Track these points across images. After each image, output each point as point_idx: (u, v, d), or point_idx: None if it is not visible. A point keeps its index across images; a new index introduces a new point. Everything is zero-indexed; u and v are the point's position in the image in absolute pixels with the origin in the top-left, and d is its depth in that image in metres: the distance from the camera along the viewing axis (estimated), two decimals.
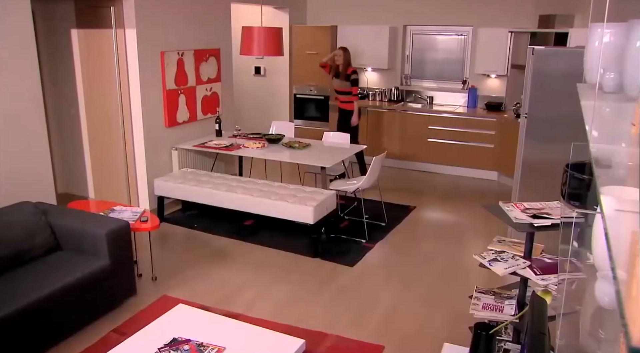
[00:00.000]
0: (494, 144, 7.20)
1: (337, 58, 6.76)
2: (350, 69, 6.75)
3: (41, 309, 3.26)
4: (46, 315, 3.32)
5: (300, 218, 4.81)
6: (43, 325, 3.31)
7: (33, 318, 3.22)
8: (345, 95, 6.86)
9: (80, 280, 3.51)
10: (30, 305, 3.18)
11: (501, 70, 7.35)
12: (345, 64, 6.75)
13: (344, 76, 6.75)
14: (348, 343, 3.56)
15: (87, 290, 3.58)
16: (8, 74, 4.10)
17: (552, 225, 2.66)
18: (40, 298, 3.24)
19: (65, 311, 3.46)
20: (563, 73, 4.43)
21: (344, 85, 6.78)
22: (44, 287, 3.32)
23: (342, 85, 6.81)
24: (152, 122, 5.70)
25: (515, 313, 2.78)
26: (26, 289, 3.27)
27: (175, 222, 5.68)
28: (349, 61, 6.80)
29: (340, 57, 6.73)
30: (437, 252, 5.02)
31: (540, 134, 4.67)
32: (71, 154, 6.24)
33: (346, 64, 6.75)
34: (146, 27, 5.43)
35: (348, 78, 6.72)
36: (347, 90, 6.78)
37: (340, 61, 6.73)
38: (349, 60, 6.80)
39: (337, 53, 6.78)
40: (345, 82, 6.76)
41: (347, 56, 6.77)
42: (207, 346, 2.83)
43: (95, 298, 3.69)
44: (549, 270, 2.65)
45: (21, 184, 4.28)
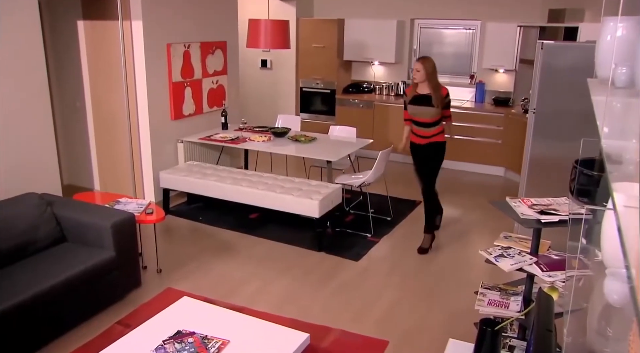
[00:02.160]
0: (501, 140, 7.16)
1: (416, 74, 4.62)
2: (445, 89, 4.66)
3: (46, 301, 3.26)
4: (51, 307, 3.32)
5: (305, 212, 4.80)
6: (48, 317, 3.32)
7: (38, 309, 3.23)
8: (432, 126, 4.72)
9: (85, 272, 3.51)
10: (35, 297, 3.19)
11: (509, 65, 7.29)
12: (433, 81, 4.61)
13: (438, 100, 4.59)
14: (352, 338, 3.55)
15: (92, 282, 3.59)
16: (14, 66, 4.10)
17: (560, 221, 2.63)
18: (45, 290, 3.25)
19: (70, 303, 3.46)
20: (572, 68, 4.38)
21: (432, 113, 4.64)
22: (49, 278, 3.33)
23: (430, 114, 4.64)
24: (157, 114, 5.69)
25: (521, 309, 2.76)
26: (31, 281, 3.28)
27: (181, 214, 5.68)
28: (435, 76, 4.67)
29: (421, 72, 4.59)
30: (443, 248, 5.00)
31: (549, 129, 4.63)
32: (77, 145, 6.24)
33: (434, 81, 4.62)
34: (152, 19, 5.41)
35: (443, 101, 4.63)
36: (436, 119, 4.68)
37: (422, 78, 4.60)
38: (436, 74, 4.67)
39: (417, 66, 4.62)
40: (433, 109, 4.61)
41: (431, 67, 4.60)
42: (211, 339, 2.83)
43: (100, 290, 3.69)
44: (555, 267, 2.63)
45: (27, 176, 4.29)
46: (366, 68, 8.51)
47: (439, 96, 4.61)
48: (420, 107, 4.68)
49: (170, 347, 2.74)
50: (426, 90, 4.64)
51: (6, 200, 3.78)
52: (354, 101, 8.04)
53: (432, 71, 4.61)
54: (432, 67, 4.61)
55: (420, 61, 4.61)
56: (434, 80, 4.63)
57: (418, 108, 4.70)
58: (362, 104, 7.99)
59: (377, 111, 7.90)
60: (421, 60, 4.61)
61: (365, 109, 7.97)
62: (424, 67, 4.58)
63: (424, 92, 4.65)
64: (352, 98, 8.07)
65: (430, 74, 4.60)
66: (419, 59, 4.66)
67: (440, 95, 4.62)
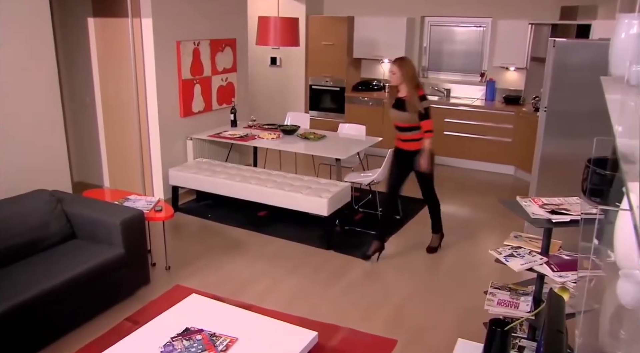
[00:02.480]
0: (512, 138, 7.11)
1: (392, 77, 4.43)
2: (422, 90, 4.43)
3: (56, 297, 3.28)
4: (60, 303, 3.34)
5: (314, 210, 4.79)
6: (57, 313, 3.34)
7: (48, 305, 3.25)
8: (410, 131, 4.51)
9: (94, 268, 3.53)
10: (45, 293, 3.21)
11: (520, 63, 7.23)
12: (410, 84, 4.36)
13: (413, 105, 4.35)
14: (361, 336, 3.54)
15: (101, 278, 3.60)
16: (25, 63, 4.12)
17: (571, 221, 2.60)
18: (55, 286, 3.27)
19: (79, 299, 3.48)
20: (585, 66, 4.34)
21: (407, 119, 4.43)
22: (58, 274, 3.34)
23: (406, 119, 4.45)
24: (167, 111, 5.70)
25: (531, 310, 2.74)
26: (41, 277, 3.30)
27: (190, 212, 5.70)
28: (414, 78, 4.40)
29: (397, 75, 4.37)
30: (452, 247, 4.97)
31: (560, 128, 4.58)
32: (87, 142, 6.27)
33: (412, 84, 4.37)
34: (162, 17, 5.42)
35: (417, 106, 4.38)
36: (412, 125, 4.46)
37: (398, 80, 4.39)
38: (414, 76, 4.42)
39: (392, 68, 4.42)
40: (407, 114, 4.41)
41: (409, 70, 4.38)
42: (219, 336, 2.83)
43: (109, 287, 3.71)
44: (566, 267, 2.60)
45: (37, 172, 4.31)
46: (376, 66, 8.48)
47: (413, 101, 4.32)
48: (397, 110, 4.47)
49: (179, 344, 2.75)
50: (404, 92, 4.41)
51: (17, 197, 3.80)
52: (364, 99, 8.02)
53: (408, 73, 4.34)
54: (410, 69, 4.36)
55: (395, 63, 4.36)
56: (411, 83, 4.34)
57: (395, 112, 4.50)
58: (372, 101, 7.96)
59: (387, 109, 7.84)
60: (397, 62, 4.36)
61: (374, 106, 7.94)
62: (400, 69, 4.32)
63: (402, 95, 4.42)
64: (362, 96, 8.05)
65: (407, 76, 4.33)
66: (395, 60, 4.41)
67: (416, 99, 4.32)
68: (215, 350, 2.70)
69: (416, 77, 4.45)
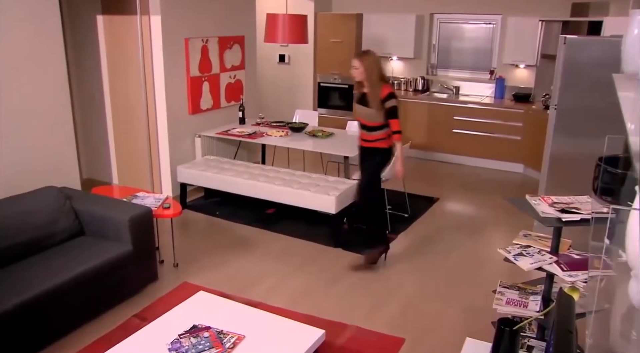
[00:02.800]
0: (521, 136, 7.06)
1: (354, 72, 4.11)
2: (388, 88, 4.11)
3: (64, 293, 3.30)
4: (69, 299, 3.36)
5: (322, 207, 4.78)
6: (66, 309, 3.36)
7: (56, 301, 3.26)
8: (374, 131, 4.23)
9: (102, 265, 3.54)
10: (54, 289, 3.22)
11: (530, 60, 7.17)
12: (374, 79, 4.09)
13: (375, 100, 4.09)
14: (368, 335, 3.53)
15: (109, 275, 3.62)
16: (35, 60, 4.14)
17: (582, 220, 2.58)
18: (64, 283, 3.28)
19: (87, 295, 3.49)
20: (596, 63, 4.29)
21: (371, 116, 4.16)
22: (67, 271, 3.36)
23: (369, 116, 4.18)
24: (175, 109, 5.71)
25: (540, 309, 2.71)
26: (50, 273, 3.31)
27: (198, 209, 5.71)
28: (378, 73, 4.11)
29: (359, 70, 4.09)
30: (460, 245, 4.95)
31: (570, 126, 4.54)
32: (96, 139, 6.30)
33: (375, 79, 4.09)
34: (171, 14, 5.43)
35: (383, 104, 4.08)
36: (377, 124, 4.19)
37: (361, 75, 4.10)
38: (378, 71, 4.12)
39: (354, 63, 4.10)
40: (371, 111, 4.14)
41: (371, 64, 4.09)
42: (226, 333, 2.83)
43: (117, 284, 3.72)
44: (576, 267, 2.57)
45: (46, 169, 4.33)
46: (384, 63, 8.44)
47: (375, 96, 4.06)
48: (361, 106, 4.21)
49: (186, 341, 2.75)
50: (368, 88, 4.13)
51: (26, 194, 3.82)
52: None
53: (371, 67, 4.05)
54: (372, 63, 4.07)
55: (357, 57, 4.09)
56: (373, 78, 4.06)
57: (359, 108, 4.23)
58: None
59: None
60: (358, 56, 4.10)
61: None
62: (362, 64, 4.04)
63: (367, 90, 4.15)
64: None
65: (370, 70, 4.05)
66: (357, 54, 4.14)
67: (377, 95, 4.05)
68: (223, 348, 2.71)
69: (381, 71, 4.14)
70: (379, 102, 4.07)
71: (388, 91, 4.07)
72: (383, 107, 4.08)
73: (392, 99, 4.07)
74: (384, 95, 4.06)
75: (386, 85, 4.12)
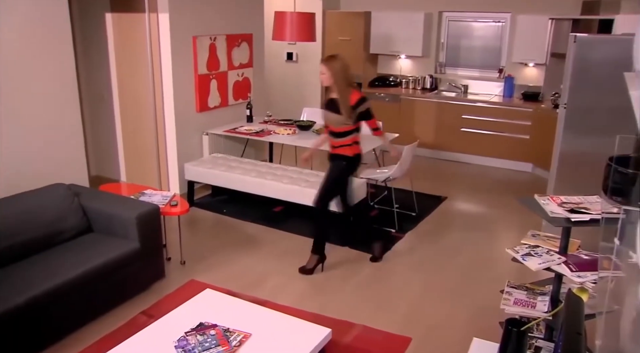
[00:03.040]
0: (530, 135, 7.01)
1: (322, 76, 4.03)
2: (357, 94, 4.04)
3: (72, 290, 3.31)
4: (77, 296, 3.37)
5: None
6: (73, 306, 3.37)
7: (64, 298, 3.28)
8: (343, 137, 4.14)
9: (110, 262, 3.55)
10: (62, 286, 3.24)
11: (540, 59, 7.12)
12: (342, 84, 4.00)
13: (345, 107, 4.00)
14: (375, 334, 3.52)
15: (116, 272, 3.63)
16: (43, 57, 4.15)
17: (591, 220, 2.55)
18: (72, 279, 3.30)
19: (95, 292, 3.51)
20: (607, 62, 4.25)
21: (339, 121, 4.07)
22: (75, 268, 3.37)
23: (337, 121, 4.09)
24: (183, 106, 5.72)
25: (549, 310, 2.69)
26: (58, 270, 3.33)
27: (205, 206, 5.71)
28: (345, 78, 4.02)
29: (326, 75, 4.00)
30: (467, 244, 4.92)
31: (580, 125, 4.50)
32: (104, 137, 6.32)
33: (344, 84, 4.01)
34: (179, 12, 5.43)
35: (355, 110, 4.02)
36: (345, 129, 4.10)
37: (328, 81, 4.01)
38: (346, 76, 4.03)
39: (321, 68, 4.02)
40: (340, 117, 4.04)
41: (339, 69, 3.98)
42: (233, 332, 2.83)
43: (125, 281, 3.73)
44: (585, 267, 2.55)
45: (55, 166, 4.35)
46: (393, 61, 8.42)
47: (345, 102, 3.98)
48: (329, 112, 4.11)
49: (193, 339, 2.75)
50: (336, 93, 4.04)
51: (35, 191, 3.84)
52: (380, 95, 7.97)
53: (339, 73, 3.96)
54: (339, 68, 3.97)
55: (324, 62, 4.00)
56: (342, 83, 3.98)
57: (328, 114, 4.13)
58: (388, 97, 7.91)
59: (404, 105, 7.81)
60: (325, 61, 4.00)
61: (391, 103, 7.89)
62: (329, 69, 3.95)
63: (335, 96, 4.06)
64: (378, 92, 8.00)
65: (337, 75, 3.96)
66: (323, 59, 4.05)
67: (347, 102, 3.98)
68: (229, 346, 2.71)
69: (349, 76, 4.05)
70: (349, 109, 4.00)
71: (358, 97, 4.01)
72: (354, 112, 4.02)
73: (364, 103, 4.02)
74: (355, 102, 3.99)
75: (355, 91, 4.05)
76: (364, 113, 4.06)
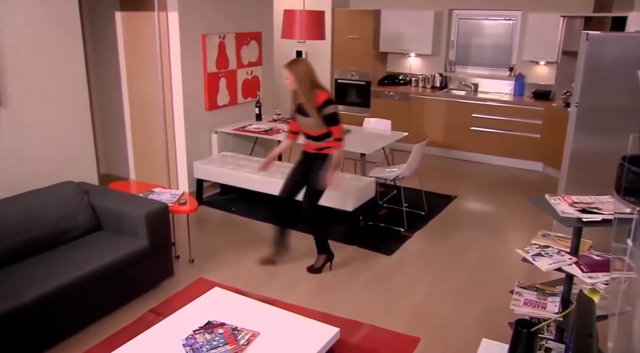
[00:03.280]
0: (540, 134, 6.96)
1: (286, 81, 3.97)
2: (323, 94, 3.96)
3: (81, 287, 3.32)
4: (86, 293, 3.38)
5: (338, 205, 4.76)
6: (82, 303, 3.38)
7: (73, 296, 3.29)
8: (321, 140, 4.11)
9: (119, 260, 3.56)
10: (71, 283, 3.25)
11: (551, 57, 7.06)
12: (306, 88, 3.93)
13: (312, 108, 3.95)
14: (383, 333, 3.50)
15: (125, 270, 3.64)
16: (53, 56, 4.17)
17: (603, 220, 2.52)
18: (81, 277, 3.31)
19: (104, 290, 3.52)
20: (620, 60, 4.20)
21: (312, 125, 4.03)
22: (84, 265, 3.38)
23: (310, 125, 4.05)
24: (192, 105, 5.73)
25: (559, 311, 2.66)
26: (67, 267, 3.34)
27: (214, 205, 5.72)
28: (310, 81, 3.95)
29: (290, 79, 3.94)
30: (477, 244, 4.89)
31: (592, 124, 4.45)
32: (113, 135, 6.35)
33: (308, 87, 3.94)
34: (188, 10, 5.44)
35: (321, 111, 3.94)
36: (322, 132, 4.04)
37: (293, 85, 3.95)
38: (311, 79, 3.95)
39: (284, 73, 3.96)
40: (311, 120, 4.00)
41: (302, 73, 3.92)
42: (241, 330, 2.83)
43: (133, 279, 3.74)
44: (597, 268, 2.52)
45: (64, 165, 4.37)
46: (402, 60, 8.38)
47: (310, 104, 3.93)
48: (302, 117, 4.07)
49: (201, 337, 2.75)
50: (302, 98, 3.99)
51: (44, 189, 3.86)
52: (390, 93, 7.94)
53: (302, 76, 3.90)
54: (303, 72, 3.91)
55: (287, 66, 3.93)
56: (305, 87, 3.91)
57: (301, 119, 4.09)
58: (398, 96, 7.88)
59: (413, 104, 7.78)
60: (288, 65, 3.94)
61: (400, 101, 7.86)
62: (292, 73, 3.89)
63: (302, 100, 4.01)
64: (388, 90, 7.97)
65: (301, 79, 3.90)
66: (286, 64, 3.96)
67: (313, 103, 3.92)
68: (237, 344, 2.70)
69: (314, 79, 3.96)
70: (316, 110, 3.93)
71: (324, 98, 3.92)
72: (320, 114, 3.94)
73: (329, 105, 3.92)
74: (320, 103, 3.91)
75: (322, 92, 3.96)
76: (329, 117, 3.94)
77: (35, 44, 4.03)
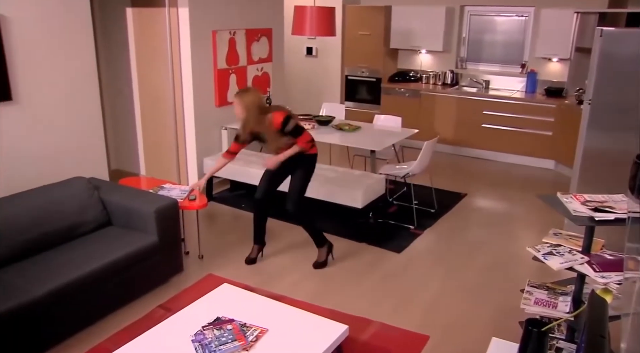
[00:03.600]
0: (552, 132, 6.89)
1: (236, 109, 3.95)
2: (279, 115, 3.92)
3: (91, 282, 3.34)
4: (95, 289, 3.40)
5: (348, 202, 4.75)
6: (92, 298, 3.40)
7: (83, 291, 3.31)
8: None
9: (129, 255, 3.58)
10: (81, 278, 3.27)
11: (564, 54, 6.98)
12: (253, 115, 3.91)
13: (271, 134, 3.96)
14: (392, 331, 3.49)
15: (135, 265, 3.65)
16: (65, 52, 4.19)
17: (616, 220, 2.48)
18: (91, 272, 3.33)
19: (113, 285, 3.53)
20: (634, 56, 4.14)
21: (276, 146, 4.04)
22: (94, 261, 3.40)
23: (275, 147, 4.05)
24: (202, 101, 5.73)
25: (571, 310, 2.64)
26: (77, 262, 3.36)
27: (223, 201, 5.73)
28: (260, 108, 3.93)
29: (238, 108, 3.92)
30: (487, 242, 4.86)
31: (605, 121, 4.40)
32: (124, 131, 6.37)
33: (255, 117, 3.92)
34: (198, 6, 5.44)
35: (283, 131, 3.93)
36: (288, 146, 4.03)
37: (241, 114, 3.93)
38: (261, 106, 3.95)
39: (234, 101, 3.94)
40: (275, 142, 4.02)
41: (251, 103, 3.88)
42: (250, 326, 2.83)
43: (143, 274, 3.75)
44: (609, 268, 2.49)
45: (75, 160, 4.40)
46: (413, 56, 8.34)
47: (268, 130, 3.93)
48: (263, 143, 4.14)
49: (209, 333, 2.76)
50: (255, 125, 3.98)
51: (55, 184, 3.88)
52: (400, 90, 7.90)
53: (248, 107, 3.87)
54: (251, 101, 3.87)
55: (236, 96, 3.90)
56: (253, 114, 3.88)
57: (262, 145, 4.17)
58: (408, 93, 7.84)
59: (424, 101, 7.74)
60: (238, 95, 3.90)
61: (411, 98, 7.82)
62: (240, 102, 3.88)
63: (255, 128, 4.00)
64: (398, 87, 7.93)
65: (250, 108, 3.87)
66: (236, 93, 3.94)
67: (270, 127, 3.91)
68: (246, 341, 2.70)
69: (262, 105, 3.96)
70: (276, 133, 3.94)
71: (281, 118, 3.89)
72: (283, 133, 3.94)
73: (289, 122, 3.91)
74: (280, 124, 3.90)
75: (275, 113, 3.93)
76: (292, 132, 3.95)
77: (46, 40, 4.05)
